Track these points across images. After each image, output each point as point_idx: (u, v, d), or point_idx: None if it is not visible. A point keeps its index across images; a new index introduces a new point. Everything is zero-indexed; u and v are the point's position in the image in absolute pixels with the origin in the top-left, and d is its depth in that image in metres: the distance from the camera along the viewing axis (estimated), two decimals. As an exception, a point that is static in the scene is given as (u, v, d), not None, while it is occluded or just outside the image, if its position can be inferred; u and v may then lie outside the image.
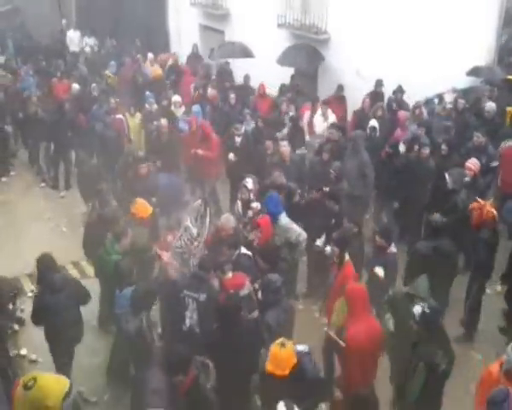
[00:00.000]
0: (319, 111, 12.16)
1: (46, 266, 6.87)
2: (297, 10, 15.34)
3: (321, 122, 11.94)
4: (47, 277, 6.79)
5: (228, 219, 7.76)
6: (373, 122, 11.05)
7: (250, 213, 8.31)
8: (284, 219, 8.03)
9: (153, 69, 16.24)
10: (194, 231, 7.57)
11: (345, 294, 5.89)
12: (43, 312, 6.76)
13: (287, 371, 5.06)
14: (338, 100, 13.17)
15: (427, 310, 5.52)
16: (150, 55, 17.20)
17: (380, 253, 7.20)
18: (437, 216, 7.57)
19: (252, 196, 8.53)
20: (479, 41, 13.37)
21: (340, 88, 13.28)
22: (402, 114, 11.59)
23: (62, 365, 6.91)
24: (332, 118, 12.04)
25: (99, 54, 19.19)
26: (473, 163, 8.98)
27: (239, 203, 8.64)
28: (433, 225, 7.48)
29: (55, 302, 6.67)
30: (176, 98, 13.19)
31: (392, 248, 7.28)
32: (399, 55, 12.70)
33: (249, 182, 8.62)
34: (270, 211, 8.04)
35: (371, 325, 5.81)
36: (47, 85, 14.94)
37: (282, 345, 5.15)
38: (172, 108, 12.92)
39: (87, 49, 19.39)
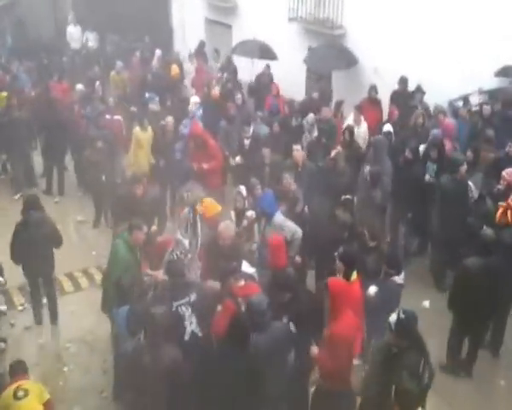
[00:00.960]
0: (351, 117, 12.06)
1: (30, 203, 8.40)
2: (310, 3, 15.45)
3: (353, 129, 11.69)
4: (27, 213, 8.26)
5: (227, 227, 7.73)
6: (387, 127, 11.05)
7: (245, 222, 8.41)
8: (278, 217, 8.18)
9: (172, 68, 16.17)
10: (186, 242, 7.68)
11: (327, 289, 6.08)
12: (17, 243, 8.23)
13: None
14: (371, 104, 12.85)
15: (403, 316, 5.55)
16: (158, 52, 17.32)
17: (385, 278, 7.22)
18: (488, 231, 7.48)
19: (247, 204, 8.64)
20: (510, 37, 13.32)
21: (373, 89, 13.02)
22: (449, 122, 11.29)
23: (48, 295, 8.79)
24: (364, 126, 11.90)
25: (102, 51, 19.22)
26: (508, 172, 8.91)
27: (232, 212, 8.71)
28: (483, 241, 7.37)
29: (29, 236, 8.16)
30: (194, 99, 13.03)
31: (399, 279, 7.23)
32: (421, 52, 12.76)
33: (243, 189, 8.73)
34: (264, 210, 8.21)
35: (352, 319, 6.04)
36: (44, 86, 14.86)
37: None
38: (190, 108, 12.81)
39: (89, 44, 19.47)
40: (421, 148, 10.44)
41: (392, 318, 5.59)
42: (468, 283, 7.28)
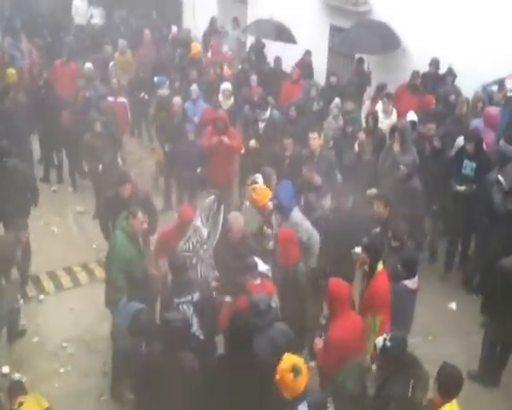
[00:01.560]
0: (379, 106, 11.90)
1: (2, 151, 9.15)
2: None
3: (382, 119, 11.43)
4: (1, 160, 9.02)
5: (236, 219, 7.66)
6: (411, 115, 10.95)
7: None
8: (296, 214, 8.02)
9: (192, 46, 16.10)
10: (205, 232, 7.61)
11: (327, 291, 6.07)
12: None
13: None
14: (411, 91, 12.50)
15: (389, 343, 5.53)
16: (174, 29, 17.42)
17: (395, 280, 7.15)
18: None
19: None
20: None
21: (416, 75, 12.69)
22: (493, 111, 10.95)
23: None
24: (394, 117, 11.72)
25: (109, 28, 19.09)
26: None
27: (247, 203, 8.69)
28: None
29: (4, 182, 8.87)
30: (226, 86, 12.48)
31: (410, 284, 7.20)
32: (452, 32, 12.64)
33: (259, 177, 8.65)
34: (281, 204, 8.05)
35: (354, 321, 6.11)
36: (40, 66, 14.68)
37: (296, 372, 5.16)
38: (220, 97, 12.38)
39: (94, 20, 19.43)
40: (460, 140, 10.27)
41: (379, 342, 5.60)
42: (506, 284, 7.22)
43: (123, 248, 7.43)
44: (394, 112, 11.83)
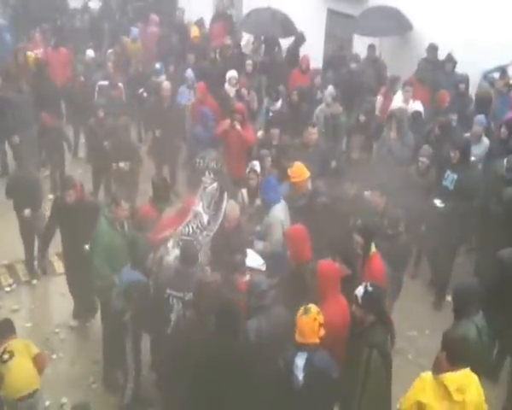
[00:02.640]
0: (399, 95, 11.57)
1: None
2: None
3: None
4: None
5: (232, 208, 7.65)
6: (417, 105, 10.85)
7: (258, 201, 8.32)
8: (277, 210, 7.94)
9: (192, 30, 15.97)
10: (206, 218, 7.58)
11: (317, 272, 6.11)
12: None
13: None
14: (419, 82, 12.12)
15: (370, 288, 5.66)
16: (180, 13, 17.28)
17: None
18: None
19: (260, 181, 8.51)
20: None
21: (422, 66, 12.47)
22: None
23: None
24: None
25: (108, 13, 18.72)
26: None
27: (244, 191, 8.58)
28: None
29: None
30: (231, 74, 12.15)
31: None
32: (452, 17, 12.47)
33: (257, 165, 8.59)
34: (265, 198, 8.10)
35: (343, 306, 6.12)
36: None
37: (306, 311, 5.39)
38: (226, 86, 12.10)
39: (90, 4, 19.19)
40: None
41: (359, 290, 5.71)
42: (504, 275, 7.16)
43: (104, 234, 7.34)
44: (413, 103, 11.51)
